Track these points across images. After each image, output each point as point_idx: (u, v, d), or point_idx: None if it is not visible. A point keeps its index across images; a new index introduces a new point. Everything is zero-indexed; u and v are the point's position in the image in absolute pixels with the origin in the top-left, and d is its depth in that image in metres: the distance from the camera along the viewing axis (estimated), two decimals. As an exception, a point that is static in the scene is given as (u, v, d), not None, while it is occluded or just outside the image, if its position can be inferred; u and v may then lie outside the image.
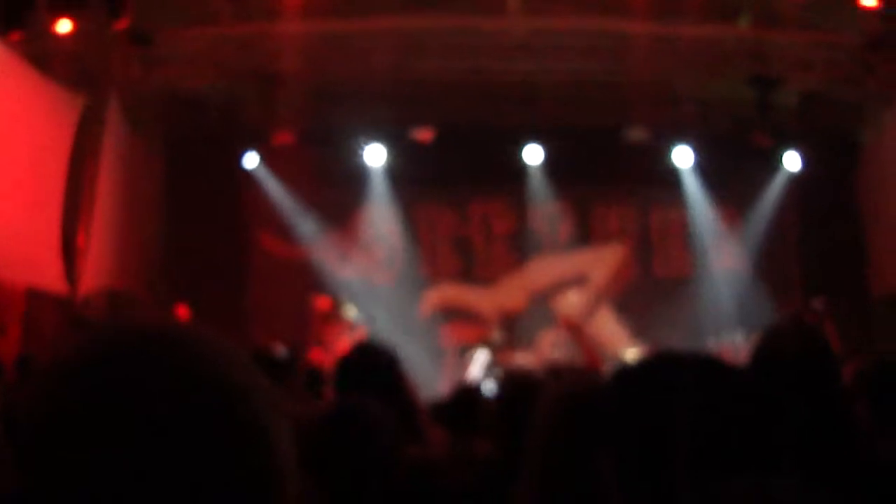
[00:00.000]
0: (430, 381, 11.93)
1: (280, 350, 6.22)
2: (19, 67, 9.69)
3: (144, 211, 13.04)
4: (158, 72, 11.37)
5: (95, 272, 11.27)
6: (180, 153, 13.70)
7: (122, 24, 10.32)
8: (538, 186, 14.60)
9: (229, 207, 14.09)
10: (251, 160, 14.28)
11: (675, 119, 13.38)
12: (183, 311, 11.95)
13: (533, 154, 14.31)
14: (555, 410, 2.52)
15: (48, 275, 10.45)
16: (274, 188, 14.44)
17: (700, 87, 12.45)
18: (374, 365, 3.79)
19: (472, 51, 11.91)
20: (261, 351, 5.98)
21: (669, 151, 14.08)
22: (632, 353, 13.03)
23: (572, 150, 13.62)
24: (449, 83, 12.76)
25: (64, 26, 10.05)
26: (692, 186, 14.19)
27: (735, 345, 11.30)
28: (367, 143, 14.28)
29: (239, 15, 11.22)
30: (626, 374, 1.51)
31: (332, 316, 11.60)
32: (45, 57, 10.23)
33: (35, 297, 10.65)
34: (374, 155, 14.37)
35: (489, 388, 6.39)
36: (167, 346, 1.03)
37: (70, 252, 10.90)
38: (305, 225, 14.57)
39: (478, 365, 12.57)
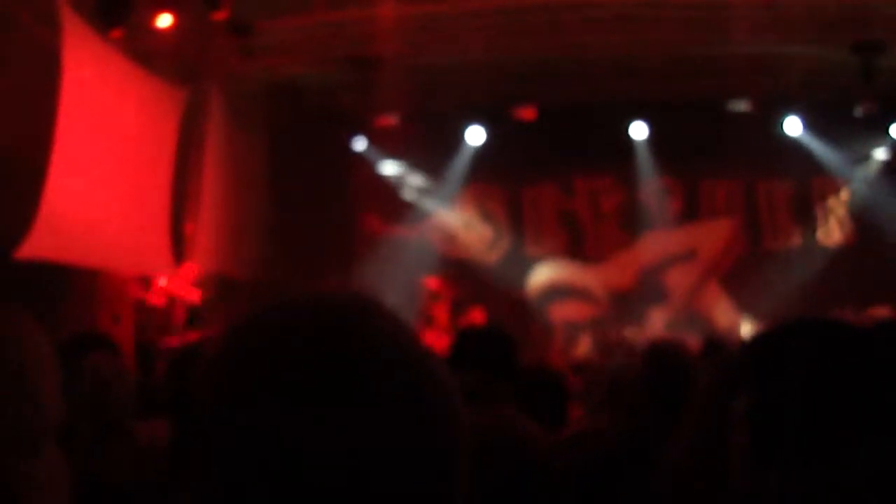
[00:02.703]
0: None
1: None
2: (123, 63, 9.97)
3: (250, 198, 13.29)
4: (258, 61, 11.53)
5: (203, 260, 11.55)
6: (283, 140, 13.91)
7: (220, 16, 10.46)
8: (645, 163, 14.39)
9: (334, 191, 14.28)
10: (359, 142, 14.49)
11: (779, 89, 12.99)
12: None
13: (639, 130, 14.12)
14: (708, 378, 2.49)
15: (158, 264, 10.77)
16: (382, 169, 14.59)
17: (803, 55, 12.01)
18: (492, 347, 3.75)
19: (571, 25, 11.71)
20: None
21: (774, 122, 13.73)
22: (746, 328, 12.76)
23: (676, 124, 13.37)
24: (549, 60, 12.61)
25: (164, 21, 10.25)
26: (818, 149, 13.75)
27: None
28: (469, 123, 14.30)
29: (334, 2, 11.29)
30: (762, 340, 1.48)
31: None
32: (147, 52, 10.50)
33: (146, 286, 10.97)
34: (477, 134, 14.38)
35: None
36: (363, 318, 1.02)
37: (178, 241, 11.21)
38: (412, 205, 14.70)
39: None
